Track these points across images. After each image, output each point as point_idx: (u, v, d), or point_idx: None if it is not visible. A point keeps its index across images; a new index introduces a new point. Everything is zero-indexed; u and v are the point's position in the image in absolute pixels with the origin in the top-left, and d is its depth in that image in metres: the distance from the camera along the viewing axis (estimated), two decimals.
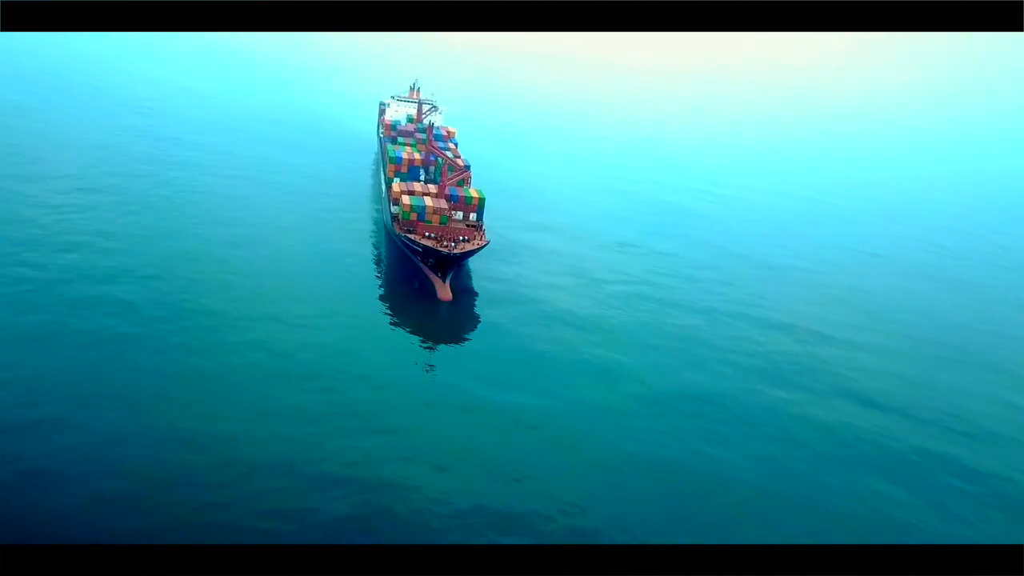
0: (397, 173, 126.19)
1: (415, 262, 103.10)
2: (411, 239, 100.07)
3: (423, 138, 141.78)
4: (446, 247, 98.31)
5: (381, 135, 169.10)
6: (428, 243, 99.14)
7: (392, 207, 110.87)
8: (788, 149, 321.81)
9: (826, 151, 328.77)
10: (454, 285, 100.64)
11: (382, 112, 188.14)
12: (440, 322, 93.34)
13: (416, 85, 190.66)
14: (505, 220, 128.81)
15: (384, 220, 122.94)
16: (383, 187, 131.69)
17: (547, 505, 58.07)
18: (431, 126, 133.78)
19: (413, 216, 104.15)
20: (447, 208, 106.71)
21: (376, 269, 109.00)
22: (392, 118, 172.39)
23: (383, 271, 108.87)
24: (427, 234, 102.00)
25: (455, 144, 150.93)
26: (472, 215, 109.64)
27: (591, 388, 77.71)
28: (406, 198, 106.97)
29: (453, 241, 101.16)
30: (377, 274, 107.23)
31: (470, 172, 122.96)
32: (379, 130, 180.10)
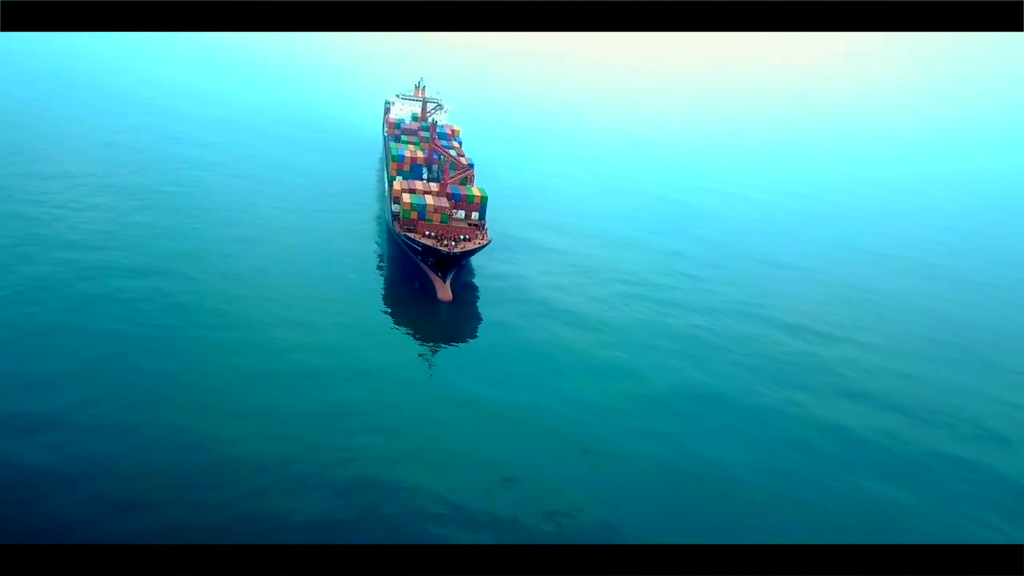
0: (399, 171, 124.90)
1: (416, 261, 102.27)
2: (411, 238, 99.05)
3: (427, 136, 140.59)
4: (446, 246, 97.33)
5: (385, 133, 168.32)
6: (428, 242, 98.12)
7: (393, 205, 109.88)
8: (788, 149, 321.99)
9: (826, 151, 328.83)
10: (456, 284, 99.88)
11: (387, 110, 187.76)
12: (440, 321, 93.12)
13: (421, 83, 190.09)
14: (508, 218, 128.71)
15: (385, 219, 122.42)
16: (386, 186, 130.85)
17: (547, 505, 58.02)
18: (434, 124, 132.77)
19: (414, 215, 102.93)
20: (448, 207, 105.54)
21: (378, 269, 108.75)
22: (396, 116, 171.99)
23: (384, 271, 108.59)
24: (427, 233, 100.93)
25: (459, 143, 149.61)
26: (474, 214, 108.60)
27: (592, 387, 77.61)
28: (407, 196, 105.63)
29: (454, 240, 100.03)
30: (378, 274, 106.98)
31: (473, 170, 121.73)
32: (384, 128, 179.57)
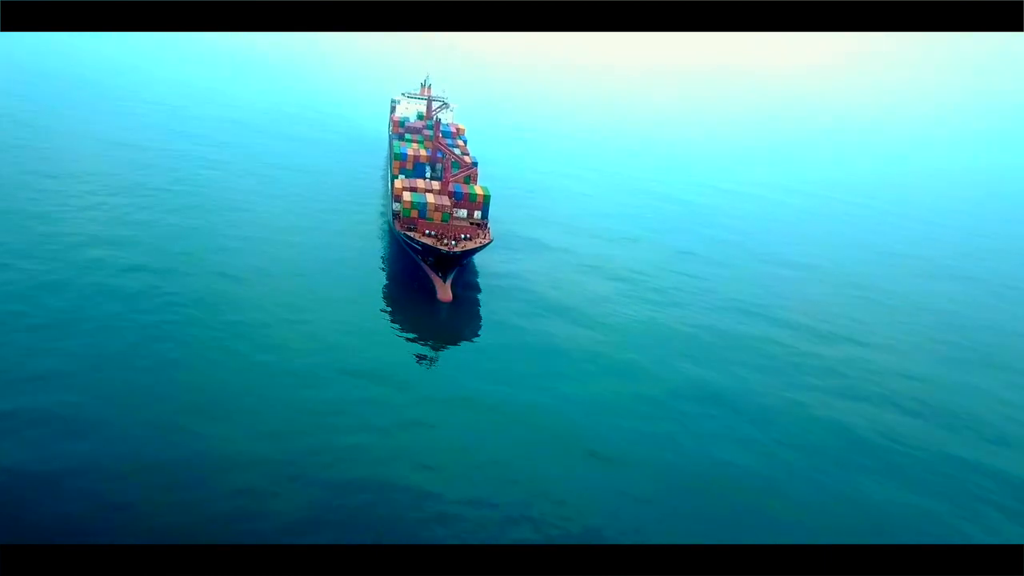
0: (402, 169, 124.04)
1: (416, 261, 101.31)
2: (411, 237, 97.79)
3: (431, 135, 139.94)
4: (446, 245, 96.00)
5: (390, 132, 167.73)
6: (428, 241, 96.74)
7: (394, 204, 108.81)
8: (788, 148, 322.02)
9: (826, 150, 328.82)
10: (457, 283, 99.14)
11: (393, 109, 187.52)
12: (440, 320, 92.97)
13: (427, 82, 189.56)
14: (512, 217, 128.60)
15: (387, 218, 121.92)
16: (389, 184, 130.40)
17: (548, 504, 57.95)
18: (439, 122, 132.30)
19: (414, 213, 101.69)
20: (449, 205, 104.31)
21: (379, 268, 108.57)
22: (402, 115, 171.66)
23: (385, 270, 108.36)
24: (428, 232, 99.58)
25: (464, 141, 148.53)
26: (477, 213, 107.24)
27: (593, 387, 77.56)
28: (407, 194, 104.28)
29: (454, 239, 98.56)
30: (379, 273, 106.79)
31: (476, 169, 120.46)
32: (389, 127, 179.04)
